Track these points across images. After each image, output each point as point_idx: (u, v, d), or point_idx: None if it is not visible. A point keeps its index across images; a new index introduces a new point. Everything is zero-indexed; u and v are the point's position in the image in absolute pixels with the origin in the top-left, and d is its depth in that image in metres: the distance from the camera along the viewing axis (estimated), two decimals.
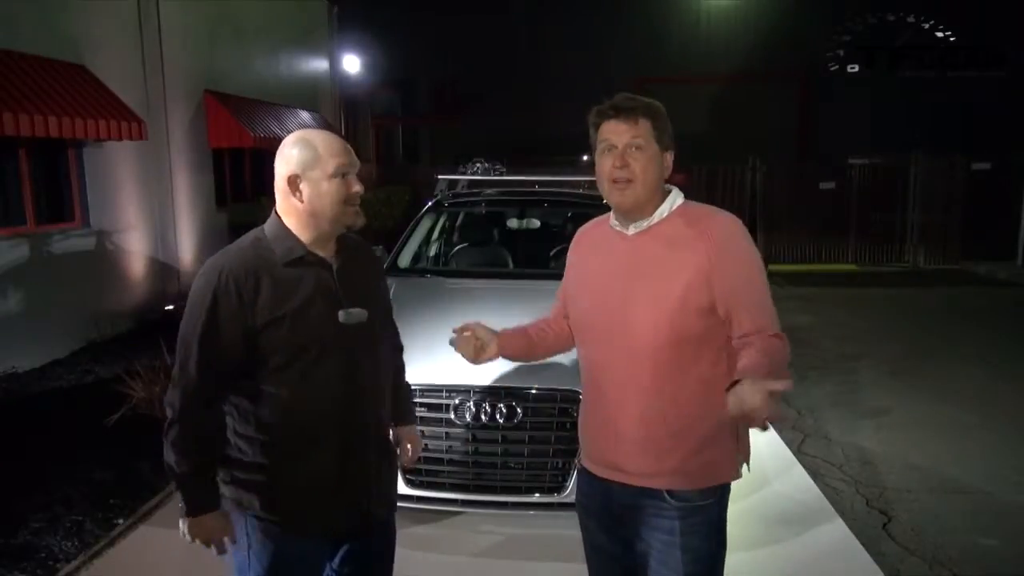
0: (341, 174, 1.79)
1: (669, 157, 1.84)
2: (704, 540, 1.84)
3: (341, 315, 1.82)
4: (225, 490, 1.86)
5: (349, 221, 1.83)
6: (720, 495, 1.87)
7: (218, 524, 1.83)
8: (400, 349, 2.24)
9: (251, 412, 1.81)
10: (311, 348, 1.79)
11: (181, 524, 1.83)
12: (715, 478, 1.85)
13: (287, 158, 1.80)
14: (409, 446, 2.23)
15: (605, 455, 1.90)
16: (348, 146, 1.84)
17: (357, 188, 1.83)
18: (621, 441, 1.85)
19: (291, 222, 1.83)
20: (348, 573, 2.01)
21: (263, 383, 1.79)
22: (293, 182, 1.79)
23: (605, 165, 1.82)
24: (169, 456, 1.78)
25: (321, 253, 1.85)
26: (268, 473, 1.82)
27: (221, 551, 1.86)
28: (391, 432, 2.11)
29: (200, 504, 1.81)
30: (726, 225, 1.81)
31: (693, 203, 1.88)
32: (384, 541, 2.08)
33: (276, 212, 1.86)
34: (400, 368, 2.25)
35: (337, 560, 2.01)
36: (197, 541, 1.83)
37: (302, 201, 1.80)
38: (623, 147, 1.79)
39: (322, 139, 1.82)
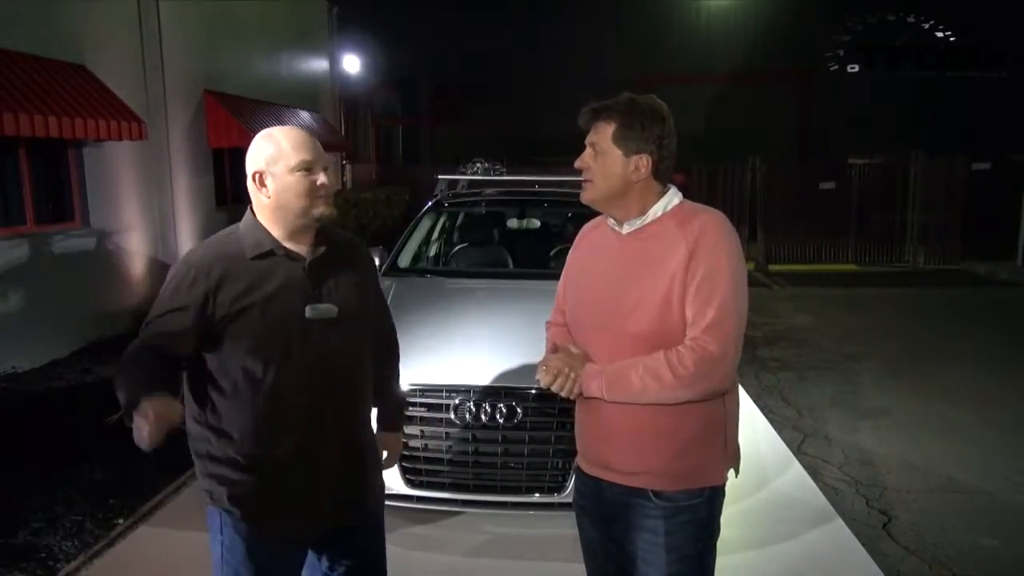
0: (304, 168, 1.81)
1: (638, 160, 1.80)
2: (690, 539, 1.84)
3: (308, 310, 1.82)
4: (202, 481, 1.87)
5: (316, 213, 1.84)
6: (709, 495, 1.86)
7: (159, 405, 1.63)
8: (396, 355, 2.23)
9: (217, 403, 1.82)
10: (275, 341, 1.79)
11: (135, 431, 1.66)
12: (701, 481, 1.84)
13: (253, 155, 1.83)
14: (385, 452, 2.20)
15: (595, 453, 1.92)
16: (314, 141, 1.85)
17: (322, 181, 1.83)
18: (610, 439, 1.87)
19: (263, 217, 1.86)
20: (340, 575, 2.00)
21: (228, 374, 1.80)
22: (258, 178, 1.82)
23: None
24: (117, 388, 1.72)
25: (292, 247, 1.85)
26: (232, 467, 1.82)
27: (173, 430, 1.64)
28: (372, 437, 2.06)
29: (133, 401, 1.65)
30: (707, 221, 1.80)
31: (689, 203, 1.88)
32: (375, 542, 2.07)
33: (251, 208, 1.90)
34: (392, 374, 2.22)
35: (325, 563, 2.00)
36: (145, 432, 1.64)
37: (268, 196, 1.82)
38: (587, 148, 1.86)
39: (285, 134, 1.84)
